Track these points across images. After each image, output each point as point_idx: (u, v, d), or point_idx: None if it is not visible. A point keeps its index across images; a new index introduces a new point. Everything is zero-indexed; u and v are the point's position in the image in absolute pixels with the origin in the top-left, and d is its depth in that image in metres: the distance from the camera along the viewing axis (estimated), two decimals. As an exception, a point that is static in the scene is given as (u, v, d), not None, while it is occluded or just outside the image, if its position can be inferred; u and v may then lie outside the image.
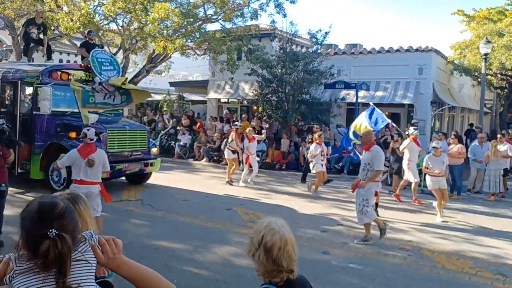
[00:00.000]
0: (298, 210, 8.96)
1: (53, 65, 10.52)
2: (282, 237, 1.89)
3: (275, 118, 16.07)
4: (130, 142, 9.99)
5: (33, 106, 9.67)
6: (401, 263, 5.98)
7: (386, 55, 17.38)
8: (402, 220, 8.39)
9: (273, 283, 1.91)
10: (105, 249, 1.45)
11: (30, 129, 9.65)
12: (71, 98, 9.94)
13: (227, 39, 16.82)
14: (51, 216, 1.42)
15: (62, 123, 9.49)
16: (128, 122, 11.12)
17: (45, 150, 9.40)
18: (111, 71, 10.23)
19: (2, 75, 10.05)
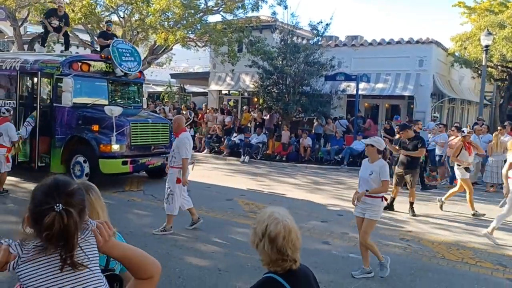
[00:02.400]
0: (298, 201, 9.03)
1: (73, 55, 10.23)
2: (286, 226, 1.90)
3: (275, 110, 16.09)
4: (153, 136, 9.73)
5: (53, 97, 9.36)
6: (401, 253, 6.05)
7: (387, 47, 17.36)
8: (402, 210, 8.45)
9: (276, 272, 1.92)
10: (102, 232, 1.51)
11: (50, 121, 9.37)
12: (91, 90, 9.78)
13: (228, 30, 16.78)
14: (62, 192, 1.45)
15: (83, 116, 9.22)
16: (150, 115, 10.86)
17: (66, 143, 9.17)
18: (131, 62, 10.04)
19: (20, 65, 9.71)
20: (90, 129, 8.93)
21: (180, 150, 6.30)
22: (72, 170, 9.08)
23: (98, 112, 9.16)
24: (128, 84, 10.78)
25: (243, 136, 15.87)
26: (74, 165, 9.07)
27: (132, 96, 11.10)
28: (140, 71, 10.70)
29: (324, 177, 12.31)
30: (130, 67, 10.10)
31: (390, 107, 18.58)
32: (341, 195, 9.84)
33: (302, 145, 14.86)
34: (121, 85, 10.68)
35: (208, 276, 4.88)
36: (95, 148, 8.75)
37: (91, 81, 9.78)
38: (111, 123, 8.74)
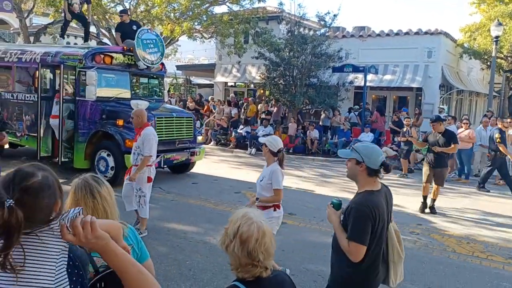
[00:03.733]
0: (306, 193, 9.01)
1: (96, 47, 9.90)
2: (259, 228, 1.73)
3: (282, 102, 16.02)
4: (177, 130, 9.42)
5: (76, 91, 9.08)
6: (411, 246, 6.02)
7: (395, 38, 17.19)
8: (411, 204, 8.41)
9: (243, 279, 1.76)
10: (76, 231, 1.34)
11: (72, 115, 9.10)
12: (114, 83, 9.54)
13: (235, 22, 16.67)
14: (17, 186, 1.33)
15: (107, 110, 8.89)
16: (174, 109, 10.59)
17: (90, 138, 8.94)
18: (155, 53, 9.70)
19: (41, 58, 9.42)
20: (114, 124, 8.68)
21: (144, 147, 5.84)
22: (96, 165, 8.86)
23: (121, 106, 8.90)
24: (150, 76, 10.57)
25: (249, 128, 15.84)
26: (99, 160, 8.85)
27: (154, 89, 10.87)
28: (162, 63, 10.42)
29: (331, 169, 12.27)
30: (153, 60, 9.76)
31: (398, 99, 18.45)
32: (349, 188, 9.78)
33: (309, 138, 14.80)
34: (143, 77, 10.48)
35: (219, 269, 4.87)
36: (120, 143, 8.50)
37: (114, 74, 9.51)
38: None
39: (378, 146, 11.45)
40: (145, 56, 9.46)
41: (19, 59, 9.84)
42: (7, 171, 1.43)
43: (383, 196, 2.77)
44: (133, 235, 2.20)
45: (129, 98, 9.33)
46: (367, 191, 2.74)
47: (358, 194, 2.80)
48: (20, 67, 10.05)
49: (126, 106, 8.66)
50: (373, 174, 2.74)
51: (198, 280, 4.65)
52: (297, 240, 6.00)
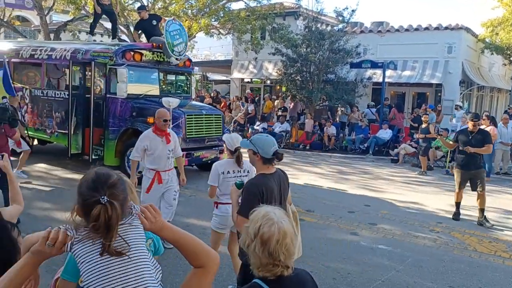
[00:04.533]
0: (324, 191, 8.96)
1: (126, 44, 9.85)
2: (280, 229, 1.73)
3: (299, 98, 15.95)
4: (207, 128, 9.29)
5: (106, 88, 9.06)
6: (432, 245, 5.94)
7: (414, 33, 16.93)
8: (431, 202, 8.30)
9: (265, 278, 1.76)
10: (147, 215, 1.59)
11: (103, 113, 9.07)
12: (143, 80, 9.45)
13: (252, 18, 16.65)
14: (105, 185, 1.57)
15: (137, 107, 8.85)
16: (202, 106, 10.52)
17: (120, 136, 8.90)
18: (180, 44, 9.45)
19: (71, 55, 9.42)
20: (144, 121, 8.55)
21: (177, 148, 5.64)
22: (127, 162, 8.71)
23: (151, 103, 8.82)
24: (178, 73, 10.48)
25: (266, 125, 15.83)
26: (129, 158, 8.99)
27: (182, 86, 10.76)
28: (190, 60, 10.32)
29: (349, 166, 12.18)
30: (180, 51, 9.53)
31: (417, 95, 18.19)
32: (367, 185, 9.72)
33: (326, 134, 14.71)
34: (171, 74, 10.40)
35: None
36: None
37: (143, 71, 9.47)
38: None
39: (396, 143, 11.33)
40: (173, 48, 9.33)
41: (49, 56, 9.87)
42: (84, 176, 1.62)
43: (276, 179, 3.18)
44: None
45: (158, 95, 9.29)
46: (261, 174, 3.18)
47: (254, 177, 3.26)
48: (50, 64, 10.12)
49: (156, 103, 8.60)
50: (267, 162, 3.16)
51: (217, 275, 4.64)
52: (315, 237, 5.98)
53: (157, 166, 5.30)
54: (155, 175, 5.30)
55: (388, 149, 13.74)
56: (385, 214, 7.28)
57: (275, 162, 3.18)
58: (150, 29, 9.73)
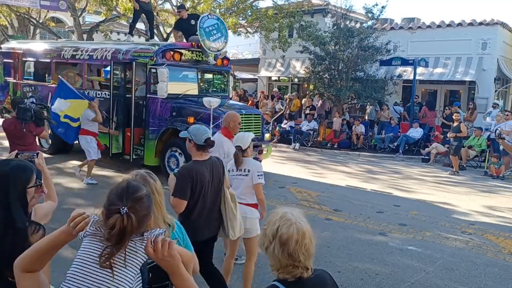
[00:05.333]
0: (352, 190, 8.85)
1: (166, 44, 9.80)
2: (299, 229, 1.72)
3: (327, 96, 15.80)
4: (246, 127, 8.92)
5: (146, 88, 9.02)
6: (463, 247, 5.78)
7: (447, 29, 16.46)
8: (463, 202, 8.07)
9: (285, 280, 1.74)
10: (156, 246, 1.54)
11: (143, 113, 9.03)
12: (182, 80, 9.40)
13: (279, 16, 16.59)
14: (130, 196, 1.59)
15: (177, 107, 8.77)
16: (242, 106, 10.40)
17: (160, 136, 8.85)
18: (218, 39, 9.28)
19: (112, 55, 9.46)
20: (185, 121, 8.47)
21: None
22: (167, 163, 8.72)
23: (191, 103, 8.78)
24: (216, 72, 10.35)
25: (293, 123, 15.75)
26: (169, 158, 8.69)
27: (220, 85, 10.61)
28: (227, 59, 10.13)
29: (378, 165, 11.98)
30: (218, 47, 9.35)
31: (449, 93, 17.70)
32: (397, 184, 9.54)
33: (355, 132, 14.52)
34: (209, 73, 10.27)
35: (264, 263, 4.87)
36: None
37: (182, 70, 9.42)
38: (206, 114, 8.31)
39: (428, 141, 11.10)
40: (210, 45, 9.18)
41: (90, 56, 9.93)
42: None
43: (208, 165, 3.49)
44: (179, 230, 2.36)
45: (197, 94, 9.28)
46: (194, 160, 3.52)
47: (188, 163, 3.63)
48: (91, 65, 10.19)
49: (195, 103, 8.61)
50: (200, 149, 3.48)
51: (242, 273, 4.69)
52: (343, 237, 5.92)
53: None
54: None
55: (419, 148, 13.43)
56: (415, 215, 7.13)
57: (209, 150, 3.53)
58: (189, 29, 9.62)
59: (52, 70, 10.82)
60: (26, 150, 4.85)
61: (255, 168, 4.07)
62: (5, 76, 12.15)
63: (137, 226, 1.57)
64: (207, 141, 3.47)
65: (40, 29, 22.89)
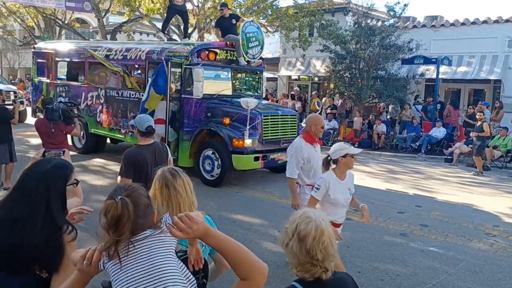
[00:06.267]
0: (373, 190, 8.77)
1: (201, 43, 9.70)
2: (318, 227, 1.72)
3: (348, 96, 15.69)
4: (282, 129, 8.85)
5: (181, 89, 8.93)
6: (487, 249, 5.67)
7: (471, 27, 16.13)
8: (488, 203, 7.90)
9: (303, 280, 1.74)
10: (180, 226, 1.51)
11: (178, 113, 8.92)
12: (217, 80, 9.30)
13: (300, 15, 16.55)
14: (125, 188, 1.64)
15: (212, 107, 8.65)
16: (278, 106, 10.17)
17: (195, 137, 8.71)
18: (256, 47, 9.25)
19: (146, 55, 9.40)
20: (220, 122, 8.38)
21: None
22: (202, 164, 8.59)
23: (226, 103, 8.69)
24: (249, 72, 10.14)
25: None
26: (204, 159, 8.57)
27: (253, 85, 10.42)
28: (261, 58, 9.91)
29: (399, 165, 11.84)
30: (254, 54, 9.28)
31: (473, 92, 17.33)
32: (419, 185, 9.41)
33: (376, 132, 14.38)
34: (242, 73, 10.11)
35: (284, 263, 4.91)
36: (227, 142, 8.14)
37: (217, 70, 9.32)
38: (242, 115, 8.19)
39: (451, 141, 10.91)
40: (247, 50, 9.14)
41: (124, 56, 9.87)
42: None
43: (150, 149, 4.07)
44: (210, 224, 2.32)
45: (231, 94, 9.21)
46: (138, 145, 4.16)
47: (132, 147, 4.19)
48: (126, 65, 10.17)
49: (231, 104, 8.54)
50: (143, 135, 4.12)
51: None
52: (363, 237, 5.89)
53: (315, 180, 4.35)
54: None
55: (442, 148, 13.21)
56: (437, 216, 7.03)
57: (153, 137, 4.16)
58: (229, 28, 9.55)
59: (85, 70, 10.85)
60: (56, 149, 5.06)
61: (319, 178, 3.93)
62: (38, 76, 12.29)
63: (137, 212, 1.57)
64: (148, 129, 4.08)
65: (65, 29, 23.43)
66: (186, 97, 8.82)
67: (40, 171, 1.98)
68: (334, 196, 3.80)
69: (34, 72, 12.62)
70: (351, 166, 3.86)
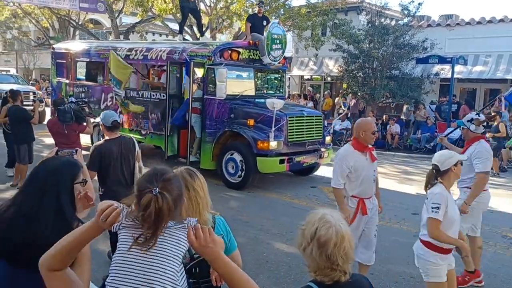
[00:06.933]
0: (386, 191, 8.66)
1: (224, 43, 9.58)
2: (338, 232, 1.69)
3: (361, 95, 15.56)
4: (308, 130, 8.56)
5: (204, 89, 8.74)
6: (504, 252, 5.55)
7: (487, 25, 15.87)
8: (504, 205, 7.75)
9: (322, 282, 1.72)
10: (198, 233, 1.52)
11: (200, 114, 8.72)
12: (239, 80, 9.10)
13: (312, 14, 16.47)
14: (159, 178, 1.60)
15: (235, 108, 8.40)
16: (302, 107, 10.09)
17: (217, 138, 8.49)
18: (278, 49, 9.06)
19: (167, 55, 9.22)
20: (244, 124, 8.13)
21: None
22: (225, 167, 8.36)
23: (249, 104, 8.48)
24: (272, 71, 9.90)
25: (326, 122, 15.58)
26: (227, 162, 8.32)
27: (275, 85, 10.18)
28: (284, 57, 9.67)
29: (413, 166, 11.70)
30: (276, 56, 9.08)
31: (489, 92, 17.05)
32: (433, 186, 9.26)
33: (390, 132, 14.23)
34: (265, 73, 9.87)
35: (296, 263, 4.87)
36: (252, 145, 7.89)
37: (239, 70, 9.10)
38: (267, 116, 7.96)
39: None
40: (270, 51, 8.95)
41: (144, 56, 9.70)
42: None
43: (117, 142, 4.36)
44: (223, 226, 2.35)
45: (254, 95, 9.04)
46: (105, 139, 4.43)
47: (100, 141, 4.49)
48: (146, 65, 10.03)
49: (255, 104, 8.39)
50: (109, 129, 4.41)
51: (274, 272, 4.69)
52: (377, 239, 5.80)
53: (362, 192, 4.10)
54: (358, 204, 4.09)
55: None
56: (452, 217, 6.90)
57: (118, 131, 4.47)
58: (259, 27, 9.36)
59: (105, 70, 10.64)
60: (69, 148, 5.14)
61: (431, 196, 3.28)
62: (57, 77, 12.15)
63: (173, 205, 1.56)
64: (113, 123, 4.39)
65: (79, 30, 23.68)
66: (208, 98, 8.59)
67: (49, 167, 2.00)
68: (450, 213, 3.23)
69: (53, 72, 12.48)
70: (460, 175, 3.46)
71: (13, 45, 31.66)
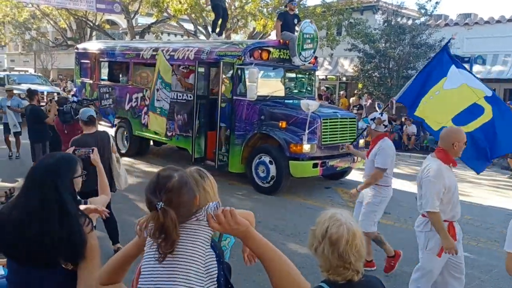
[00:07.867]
0: (401, 192, 8.56)
1: (254, 42, 9.37)
2: (349, 229, 1.68)
3: (376, 96, 15.41)
4: (341, 133, 8.20)
5: (233, 90, 8.36)
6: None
7: (507, 24, 15.58)
8: (522, 208, 7.60)
9: (335, 282, 1.71)
10: (220, 219, 1.50)
11: (229, 116, 8.40)
12: (270, 80, 8.91)
13: (327, 14, 16.38)
14: (162, 189, 1.56)
15: (266, 110, 8.06)
16: (336, 108, 9.84)
17: (247, 141, 8.18)
18: (309, 50, 8.77)
19: (195, 55, 8.95)
20: (276, 126, 7.83)
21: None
22: (255, 170, 8.05)
23: (280, 105, 8.22)
24: (302, 72, 9.58)
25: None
26: (257, 165, 8.02)
27: (305, 85, 9.86)
28: (315, 57, 9.28)
29: (429, 167, 11.52)
30: (306, 57, 8.78)
31: (509, 92, 16.72)
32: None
33: (406, 133, 14.06)
34: (294, 73, 9.57)
35: (309, 263, 4.84)
36: (284, 147, 7.60)
37: (270, 70, 8.89)
38: (299, 119, 7.68)
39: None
40: (301, 52, 8.67)
41: (171, 56, 9.31)
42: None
43: (93, 136, 4.68)
44: None
45: (283, 96, 8.81)
46: (82, 134, 4.75)
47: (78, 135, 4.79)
48: (172, 65, 9.76)
49: (286, 106, 8.20)
50: (85, 124, 4.80)
51: (288, 273, 4.66)
52: (391, 240, 5.73)
53: (453, 214, 3.59)
54: (448, 229, 3.49)
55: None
56: (469, 220, 6.79)
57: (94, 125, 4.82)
58: (290, 25, 9.03)
59: (130, 71, 10.50)
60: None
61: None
62: (81, 77, 12.01)
63: (178, 214, 1.54)
64: (90, 117, 4.74)
65: (96, 31, 24.00)
66: (237, 98, 8.26)
67: (46, 163, 2.03)
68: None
69: (76, 73, 12.31)
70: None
71: (31, 46, 32.25)
